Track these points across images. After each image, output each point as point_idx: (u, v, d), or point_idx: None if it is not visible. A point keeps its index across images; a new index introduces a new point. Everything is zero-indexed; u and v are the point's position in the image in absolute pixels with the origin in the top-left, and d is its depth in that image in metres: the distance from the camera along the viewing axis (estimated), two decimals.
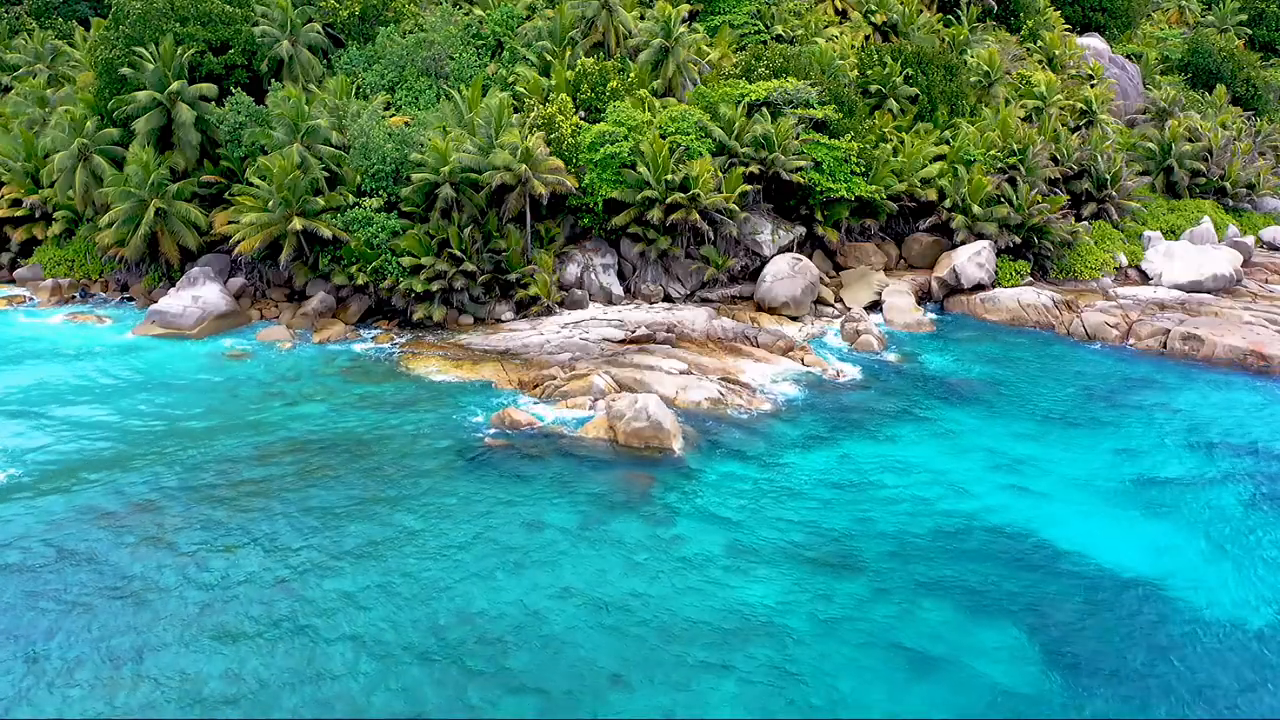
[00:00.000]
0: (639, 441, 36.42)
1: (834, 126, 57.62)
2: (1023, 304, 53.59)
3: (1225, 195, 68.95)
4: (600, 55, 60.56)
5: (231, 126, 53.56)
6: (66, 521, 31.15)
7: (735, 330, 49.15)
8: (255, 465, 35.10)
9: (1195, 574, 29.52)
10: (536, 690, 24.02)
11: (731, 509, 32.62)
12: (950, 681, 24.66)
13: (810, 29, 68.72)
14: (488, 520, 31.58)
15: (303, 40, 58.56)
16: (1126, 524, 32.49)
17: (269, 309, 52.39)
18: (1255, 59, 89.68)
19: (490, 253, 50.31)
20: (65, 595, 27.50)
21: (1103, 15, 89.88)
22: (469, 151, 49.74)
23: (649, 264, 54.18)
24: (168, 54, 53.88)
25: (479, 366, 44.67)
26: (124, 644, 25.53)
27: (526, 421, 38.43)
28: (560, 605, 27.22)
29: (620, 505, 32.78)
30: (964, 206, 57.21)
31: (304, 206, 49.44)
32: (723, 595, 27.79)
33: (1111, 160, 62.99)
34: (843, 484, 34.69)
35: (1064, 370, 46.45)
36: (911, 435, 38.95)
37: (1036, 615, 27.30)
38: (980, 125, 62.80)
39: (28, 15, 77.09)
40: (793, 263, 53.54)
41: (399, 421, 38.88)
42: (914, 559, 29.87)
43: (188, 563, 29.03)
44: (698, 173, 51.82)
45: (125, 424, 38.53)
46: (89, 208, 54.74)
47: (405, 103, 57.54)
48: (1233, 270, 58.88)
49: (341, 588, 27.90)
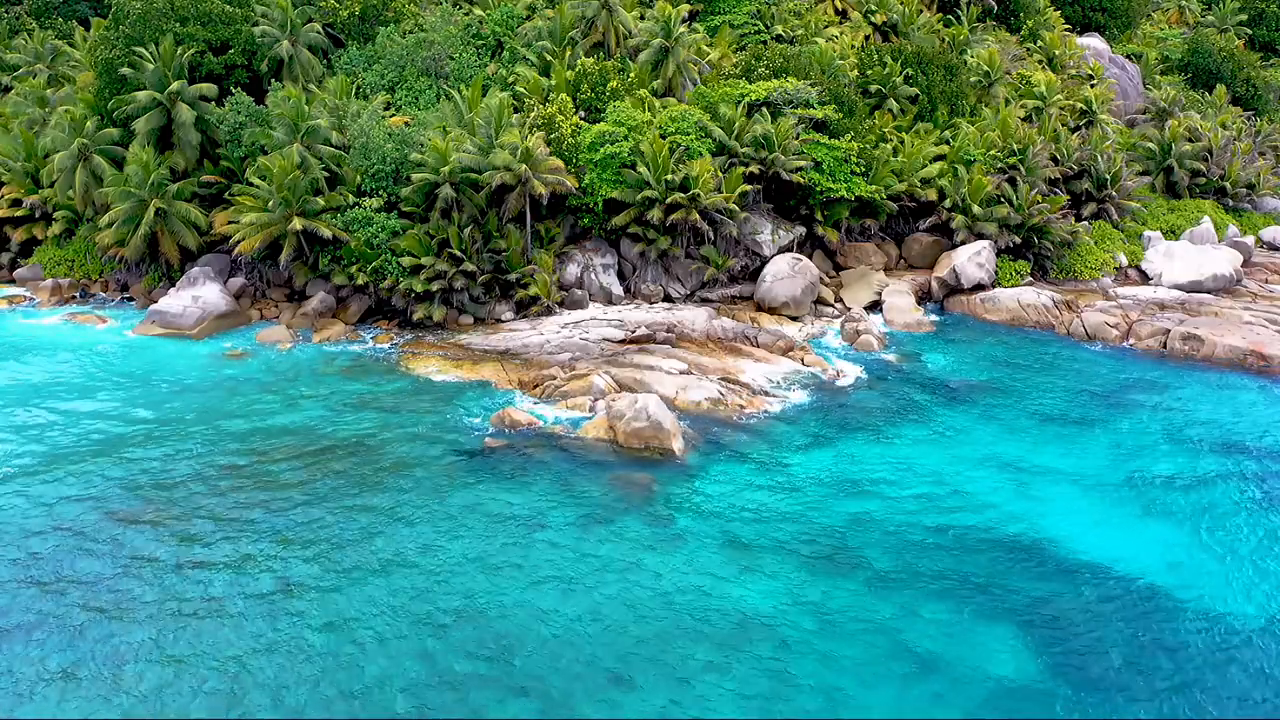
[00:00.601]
0: (639, 441, 36.42)
1: (834, 126, 57.62)
2: (1023, 304, 53.59)
3: (1225, 195, 68.93)
4: (600, 55, 60.57)
5: (231, 126, 53.57)
6: (66, 521, 31.20)
7: (735, 330, 49.15)
8: (255, 465, 35.14)
9: (1196, 573, 29.54)
10: (537, 690, 24.03)
11: (731, 509, 32.63)
12: (951, 681, 24.67)
13: (810, 29, 68.74)
14: (488, 520, 31.61)
15: (303, 40, 58.58)
16: (1126, 523, 32.51)
17: (269, 309, 52.39)
18: (1255, 59, 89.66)
19: (490, 253, 50.32)
20: (65, 595, 27.53)
21: (1103, 15, 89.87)
22: (469, 151, 49.75)
23: (649, 264, 54.18)
24: (168, 54, 53.89)
25: (479, 366, 44.68)
26: (123, 643, 25.56)
27: (526, 421, 38.43)
28: (560, 605, 27.24)
29: (620, 505, 32.79)
30: (964, 206, 57.20)
31: (304, 206, 49.45)
32: (723, 595, 27.80)
33: (1111, 160, 62.97)
34: (843, 484, 34.70)
35: (1064, 370, 46.45)
36: (911, 435, 38.96)
37: (1037, 615, 27.32)
38: (980, 125, 62.79)
39: (28, 15, 77.09)
40: (793, 263, 53.55)
41: (399, 422, 38.90)
42: (914, 558, 29.88)
43: (187, 562, 29.08)
44: (698, 173, 51.82)
45: (125, 424, 38.55)
46: (89, 208, 54.75)
47: (405, 103, 57.54)
48: (1233, 270, 58.88)
49: (341, 587, 27.93)
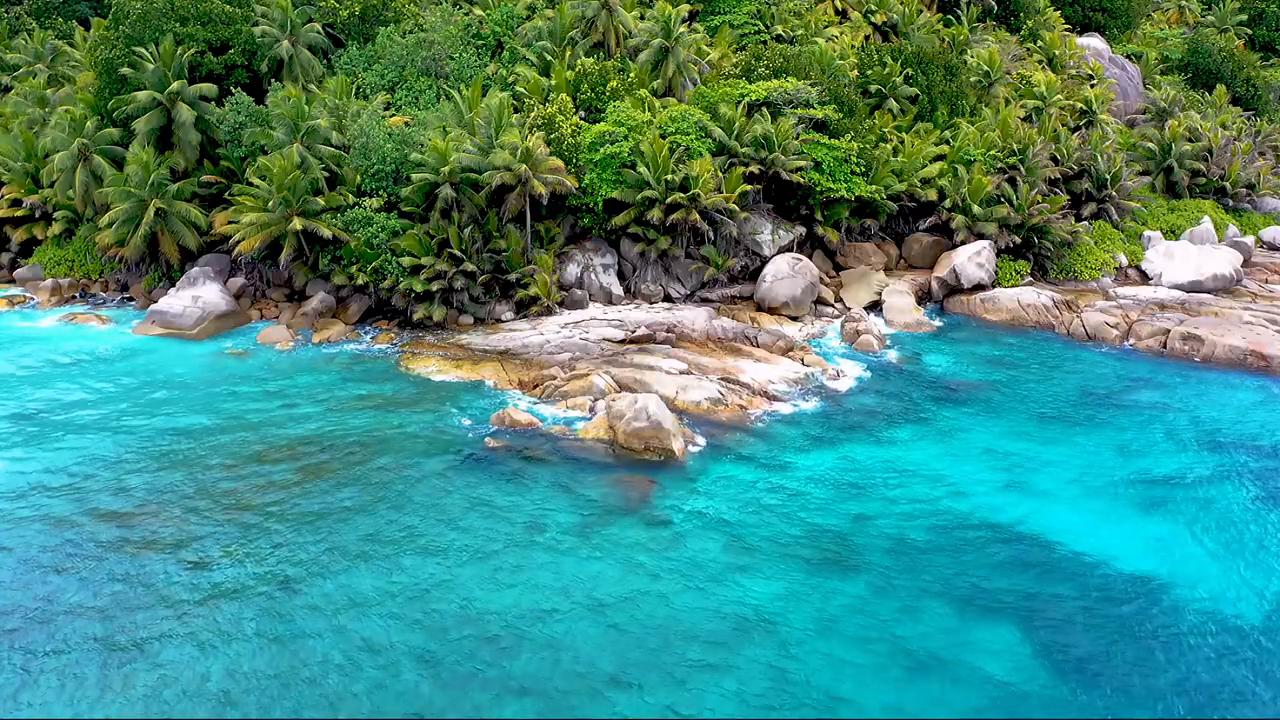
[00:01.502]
0: (639, 442, 36.40)
1: (834, 126, 57.62)
2: (1023, 304, 53.58)
3: (1225, 195, 68.93)
4: (600, 55, 60.57)
5: (231, 126, 53.58)
6: (65, 521, 31.19)
7: (735, 330, 49.14)
8: (255, 465, 35.13)
9: (1196, 572, 29.53)
10: (536, 690, 24.02)
11: (731, 509, 32.63)
12: (951, 680, 24.66)
13: (810, 29, 68.75)
14: (488, 520, 31.60)
15: (303, 40, 58.58)
16: (1126, 522, 32.50)
17: (269, 309, 52.39)
18: (1255, 59, 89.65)
19: (490, 253, 50.31)
20: (64, 594, 27.52)
21: (1103, 15, 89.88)
22: (469, 151, 49.74)
23: (649, 264, 54.17)
24: (168, 54, 53.90)
25: (479, 367, 44.67)
26: (122, 643, 25.55)
27: (526, 422, 38.42)
28: (560, 605, 27.23)
29: (620, 505, 32.78)
30: (964, 206, 57.19)
31: (304, 206, 49.45)
32: (723, 595, 27.79)
33: (1111, 160, 62.97)
34: (843, 484, 34.70)
35: (1064, 370, 46.44)
36: (911, 435, 38.96)
37: (1037, 614, 27.31)
38: (980, 125, 62.77)
39: (28, 15, 77.13)
40: (793, 263, 53.55)
41: (399, 422, 38.89)
42: (914, 558, 29.87)
43: (186, 562, 29.07)
44: (698, 173, 51.81)
45: (124, 424, 38.55)
46: (89, 208, 54.76)
47: (405, 103, 57.54)
48: (1233, 270, 58.88)
49: (341, 587, 27.92)
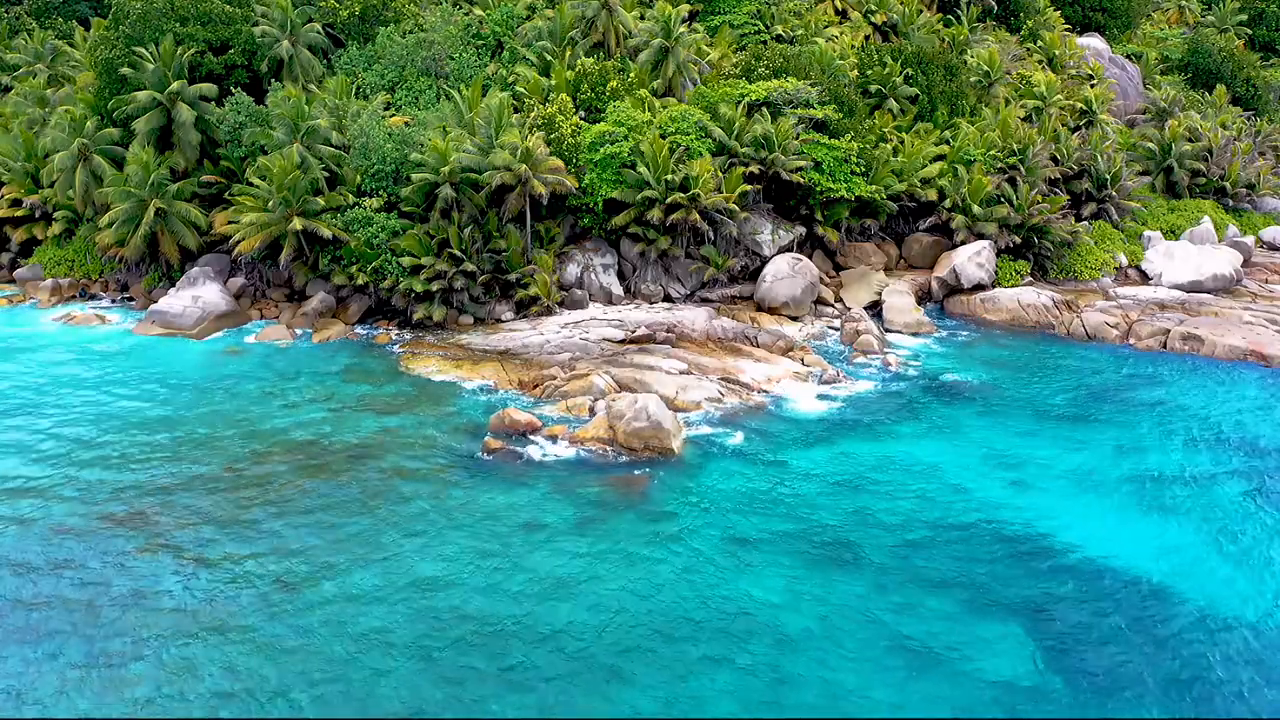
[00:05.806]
0: (639, 441, 36.40)
1: (834, 126, 57.61)
2: (1023, 304, 53.59)
3: (1225, 195, 68.95)
4: (600, 55, 60.57)
5: (231, 126, 53.58)
6: (65, 521, 31.17)
7: (735, 330, 49.14)
8: (254, 465, 35.12)
9: (1196, 571, 29.50)
10: (536, 688, 24.02)
11: (731, 508, 32.63)
12: (951, 678, 24.65)
13: (810, 29, 68.75)
14: (487, 520, 31.60)
15: (303, 40, 58.59)
16: (1127, 521, 32.50)
17: (269, 309, 52.39)
18: (1255, 59, 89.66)
19: (490, 253, 50.31)
20: (64, 594, 27.52)
21: (1103, 15, 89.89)
22: (469, 151, 49.74)
23: (649, 264, 54.17)
24: (168, 54, 53.91)
25: (479, 366, 44.67)
26: (122, 643, 25.54)
27: (526, 422, 38.40)
28: (560, 604, 27.22)
29: (620, 504, 32.79)
30: (964, 206, 57.19)
31: (304, 206, 49.45)
32: (723, 593, 27.80)
33: (1111, 160, 62.97)
34: (843, 483, 34.70)
35: (1063, 370, 46.45)
36: (911, 434, 38.96)
37: (1038, 612, 27.30)
38: (980, 125, 62.77)
39: (28, 15, 77.12)
40: (793, 263, 53.55)
41: (399, 422, 38.89)
42: (914, 557, 29.86)
43: (186, 562, 29.06)
44: (698, 173, 51.81)
45: (124, 424, 38.54)
46: (89, 208, 54.77)
47: (405, 103, 57.55)
48: (1233, 270, 58.90)
49: (341, 587, 27.92)
